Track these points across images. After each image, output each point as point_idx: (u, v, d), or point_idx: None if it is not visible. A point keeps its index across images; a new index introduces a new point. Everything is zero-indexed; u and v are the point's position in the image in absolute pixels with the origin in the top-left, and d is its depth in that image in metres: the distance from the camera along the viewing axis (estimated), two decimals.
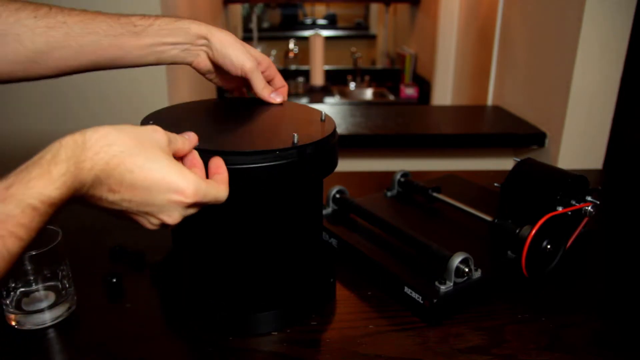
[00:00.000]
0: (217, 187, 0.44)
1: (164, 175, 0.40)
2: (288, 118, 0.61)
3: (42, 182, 0.35)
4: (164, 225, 0.44)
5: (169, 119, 0.58)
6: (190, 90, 1.66)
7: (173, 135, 0.44)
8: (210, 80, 0.66)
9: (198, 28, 0.59)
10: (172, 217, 0.42)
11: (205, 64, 0.62)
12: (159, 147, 0.41)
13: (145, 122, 0.55)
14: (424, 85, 2.59)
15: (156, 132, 0.42)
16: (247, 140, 0.53)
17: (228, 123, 0.59)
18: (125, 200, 0.40)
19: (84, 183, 0.38)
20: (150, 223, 0.43)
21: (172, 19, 0.59)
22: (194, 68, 0.63)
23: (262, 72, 0.63)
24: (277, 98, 0.64)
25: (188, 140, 0.46)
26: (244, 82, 0.65)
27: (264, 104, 0.64)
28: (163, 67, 1.31)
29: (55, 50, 0.54)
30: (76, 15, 0.55)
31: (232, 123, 0.59)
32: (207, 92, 1.87)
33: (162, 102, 1.33)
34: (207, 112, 0.64)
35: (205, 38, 0.60)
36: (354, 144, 1.36)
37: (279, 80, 0.66)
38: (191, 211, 0.44)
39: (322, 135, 0.53)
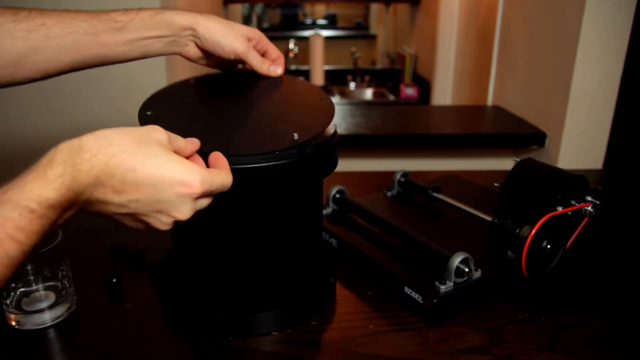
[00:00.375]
0: (221, 174, 0.44)
1: (167, 170, 0.40)
2: (289, 108, 0.59)
3: (38, 184, 0.35)
4: (176, 223, 0.43)
5: (167, 112, 0.57)
6: None
7: (174, 135, 0.44)
8: (203, 65, 0.64)
9: (182, 19, 0.58)
10: (183, 212, 0.42)
11: (194, 52, 0.61)
12: (159, 144, 0.41)
13: (142, 112, 0.55)
14: (424, 85, 2.59)
15: (155, 131, 0.42)
16: (247, 139, 0.53)
17: (226, 116, 0.58)
18: (133, 201, 0.40)
19: (85, 185, 0.37)
20: (162, 222, 0.42)
21: (154, 11, 0.58)
22: (184, 57, 0.62)
23: (255, 46, 0.62)
24: (277, 70, 0.63)
25: (191, 143, 0.46)
26: (238, 61, 0.64)
27: (259, 80, 0.62)
28: (162, 59, 1.31)
29: (36, 53, 0.54)
30: (56, 16, 0.54)
31: (229, 116, 0.57)
32: None
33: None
34: (203, 99, 0.62)
35: (191, 28, 0.59)
36: (354, 144, 1.36)
37: (273, 51, 0.65)
38: (201, 203, 0.43)
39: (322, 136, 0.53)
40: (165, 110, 0.57)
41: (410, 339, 0.57)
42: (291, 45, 3.27)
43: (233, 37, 0.60)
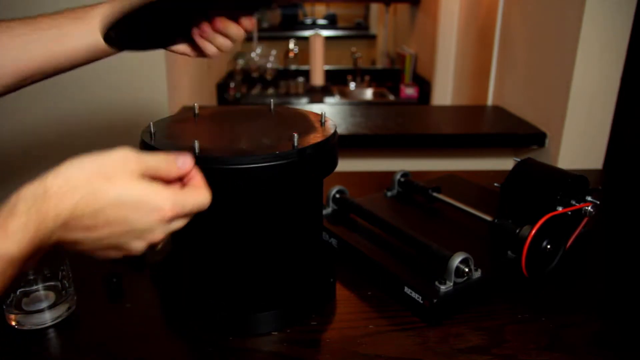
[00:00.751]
0: (195, 193, 0.42)
1: (138, 201, 0.38)
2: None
3: None
4: (150, 245, 0.42)
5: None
6: (190, 92, 1.65)
7: (153, 161, 0.41)
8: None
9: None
10: (156, 236, 0.41)
11: None
12: (128, 174, 0.38)
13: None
14: (424, 85, 2.59)
15: (126, 160, 0.39)
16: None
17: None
18: (105, 237, 0.39)
19: (52, 231, 0.36)
20: (136, 248, 0.41)
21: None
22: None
23: None
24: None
25: (176, 163, 0.42)
26: None
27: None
28: (162, 65, 1.31)
29: (4, 54, 0.54)
30: (20, 19, 0.56)
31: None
32: (207, 92, 1.87)
33: (162, 100, 1.33)
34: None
35: None
36: (354, 144, 1.36)
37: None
38: (175, 225, 0.42)
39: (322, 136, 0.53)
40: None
41: (410, 339, 0.57)
42: (291, 45, 3.27)
43: None
